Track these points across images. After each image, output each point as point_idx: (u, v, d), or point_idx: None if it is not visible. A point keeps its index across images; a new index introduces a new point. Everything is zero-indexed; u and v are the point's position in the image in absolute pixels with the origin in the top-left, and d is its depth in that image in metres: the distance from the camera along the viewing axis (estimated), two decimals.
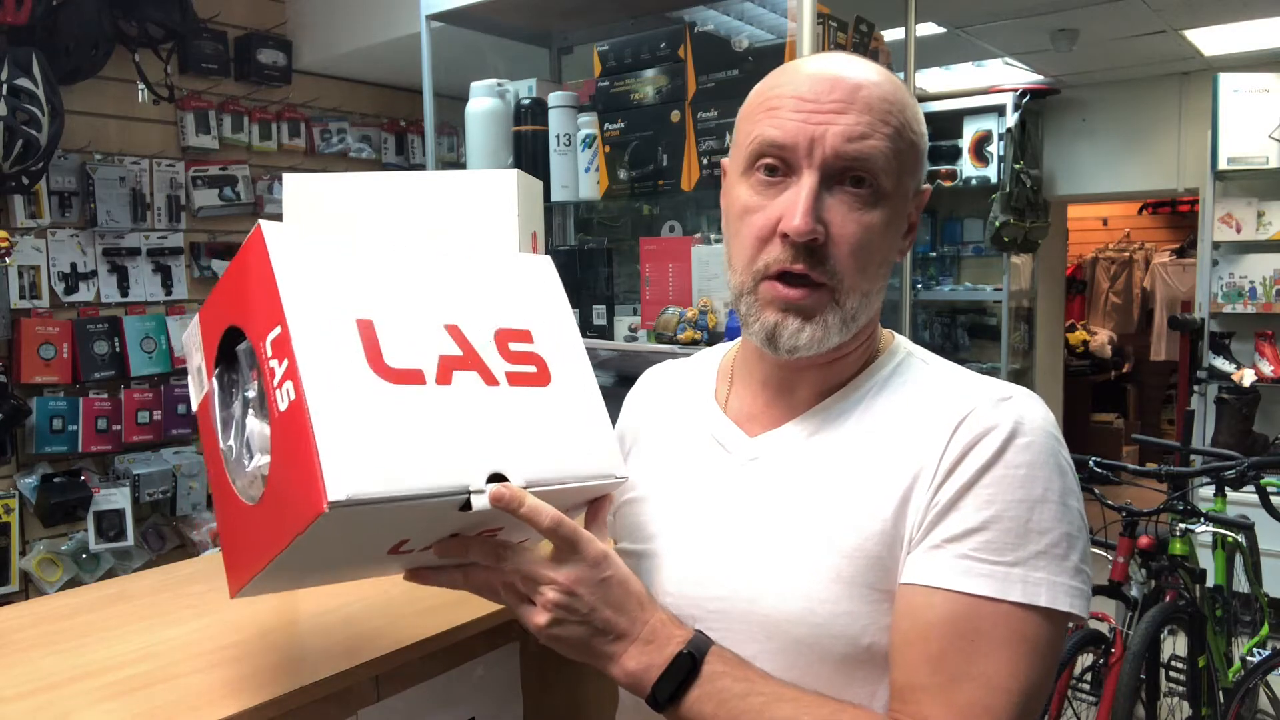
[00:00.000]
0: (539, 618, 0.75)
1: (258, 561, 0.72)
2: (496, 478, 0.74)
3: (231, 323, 0.76)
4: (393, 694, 0.91)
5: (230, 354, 0.78)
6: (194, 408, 0.82)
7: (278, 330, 0.69)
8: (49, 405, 3.26)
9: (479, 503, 0.71)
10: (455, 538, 0.76)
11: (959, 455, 0.76)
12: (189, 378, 0.83)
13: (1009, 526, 0.73)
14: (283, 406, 0.68)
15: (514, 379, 0.80)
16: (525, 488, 0.74)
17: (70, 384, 3.32)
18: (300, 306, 0.70)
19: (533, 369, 0.82)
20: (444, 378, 0.75)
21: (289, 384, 0.68)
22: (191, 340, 0.83)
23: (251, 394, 0.75)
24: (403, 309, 0.76)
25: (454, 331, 0.78)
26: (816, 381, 0.86)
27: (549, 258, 0.93)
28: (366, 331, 0.72)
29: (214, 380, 0.79)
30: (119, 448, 3.43)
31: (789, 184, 0.79)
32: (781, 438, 0.86)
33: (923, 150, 0.83)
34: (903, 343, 0.90)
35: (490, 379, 0.78)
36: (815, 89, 0.79)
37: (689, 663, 0.75)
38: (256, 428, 0.74)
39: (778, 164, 0.80)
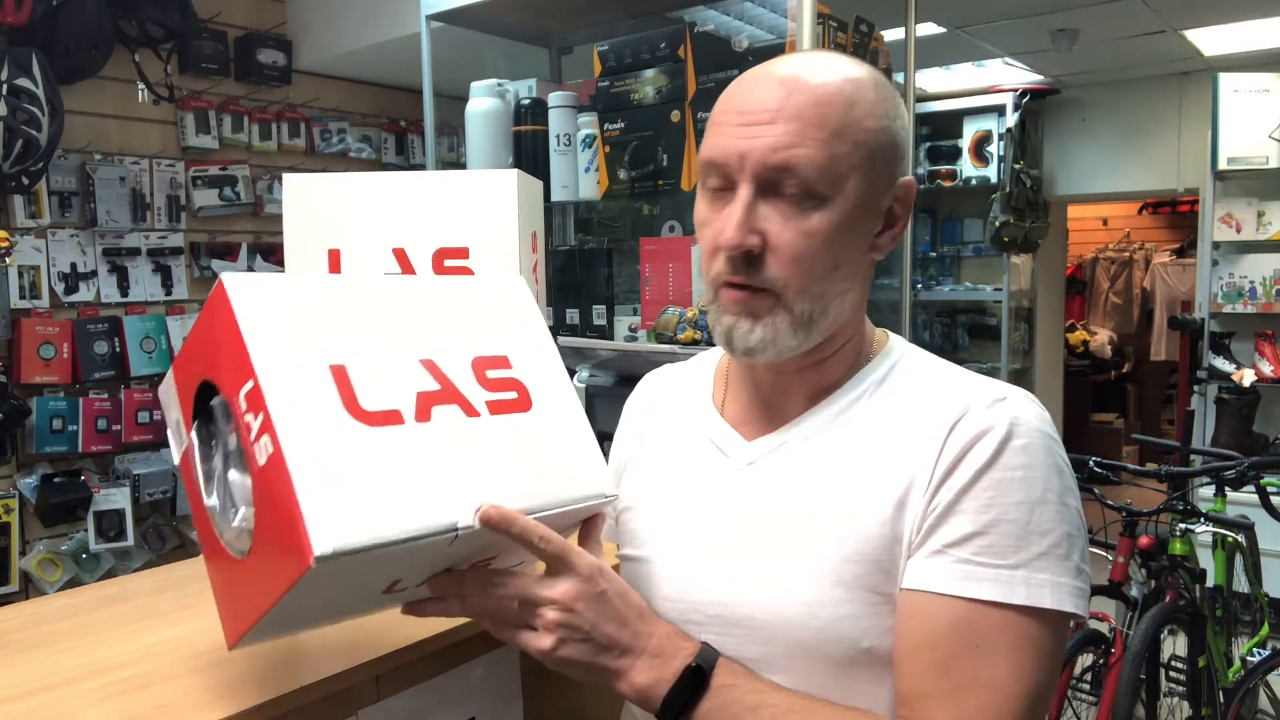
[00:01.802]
0: (544, 641, 0.74)
1: (251, 614, 0.71)
2: None
3: (204, 378, 0.76)
4: (393, 694, 0.91)
5: (206, 408, 0.77)
6: (175, 462, 0.81)
7: (250, 384, 0.69)
8: (49, 405, 3.26)
9: (468, 525, 0.71)
10: (448, 572, 0.76)
11: (955, 458, 0.76)
12: (168, 432, 0.82)
13: (1009, 529, 0.73)
14: (261, 461, 0.68)
15: (495, 407, 0.79)
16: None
17: (70, 384, 3.32)
18: (270, 359, 0.69)
19: (513, 395, 0.81)
20: (423, 414, 0.74)
21: (265, 438, 0.67)
22: (168, 394, 0.82)
23: (231, 446, 0.74)
24: (376, 349, 0.75)
25: (430, 366, 0.78)
26: (807, 384, 0.86)
27: (521, 277, 0.92)
28: (340, 376, 0.72)
29: (193, 435, 0.78)
30: (119, 448, 3.43)
31: (731, 198, 0.80)
32: (778, 441, 0.86)
33: (885, 144, 0.80)
34: (897, 343, 0.90)
35: (470, 410, 0.78)
36: (749, 101, 0.79)
37: (698, 676, 0.74)
38: (239, 480, 0.73)
39: (720, 180, 0.81)
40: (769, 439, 0.86)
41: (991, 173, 4.79)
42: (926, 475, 0.76)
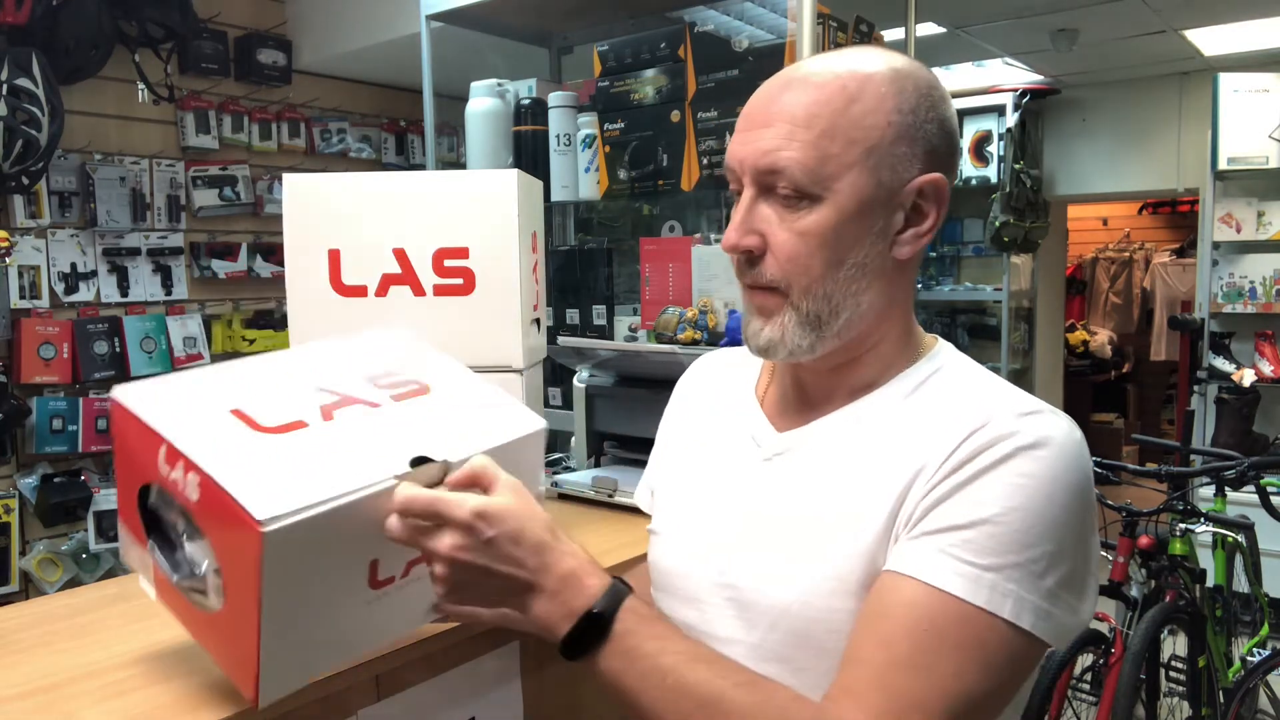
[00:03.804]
0: (437, 590, 0.77)
1: (248, 642, 0.72)
2: (420, 460, 0.76)
3: (137, 486, 0.79)
4: (393, 694, 0.91)
5: (150, 517, 0.80)
6: (154, 597, 0.83)
7: (163, 448, 0.73)
8: (49, 405, 3.26)
9: (406, 470, 0.75)
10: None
11: (966, 456, 0.74)
12: (140, 582, 0.85)
13: (994, 531, 0.71)
14: (195, 497, 0.71)
15: (398, 398, 0.84)
16: (460, 461, 0.78)
17: (70, 384, 3.32)
18: (171, 420, 0.74)
19: (414, 386, 0.87)
20: (328, 416, 0.79)
21: (190, 475, 0.71)
22: (127, 546, 0.85)
23: (181, 528, 0.77)
24: (270, 391, 0.81)
25: (327, 389, 0.82)
26: (841, 382, 0.86)
27: (411, 331, 0.97)
28: (239, 414, 0.76)
29: (150, 549, 0.80)
30: None
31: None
32: (804, 436, 0.86)
33: (895, 139, 0.79)
34: (945, 350, 0.88)
35: (374, 404, 0.82)
36: (752, 105, 0.82)
37: (598, 620, 0.74)
38: (196, 546, 0.76)
39: (735, 184, 0.83)
40: (796, 433, 0.87)
41: (991, 173, 4.79)
42: (932, 470, 0.76)
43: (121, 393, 0.77)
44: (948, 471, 0.75)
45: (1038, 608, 0.71)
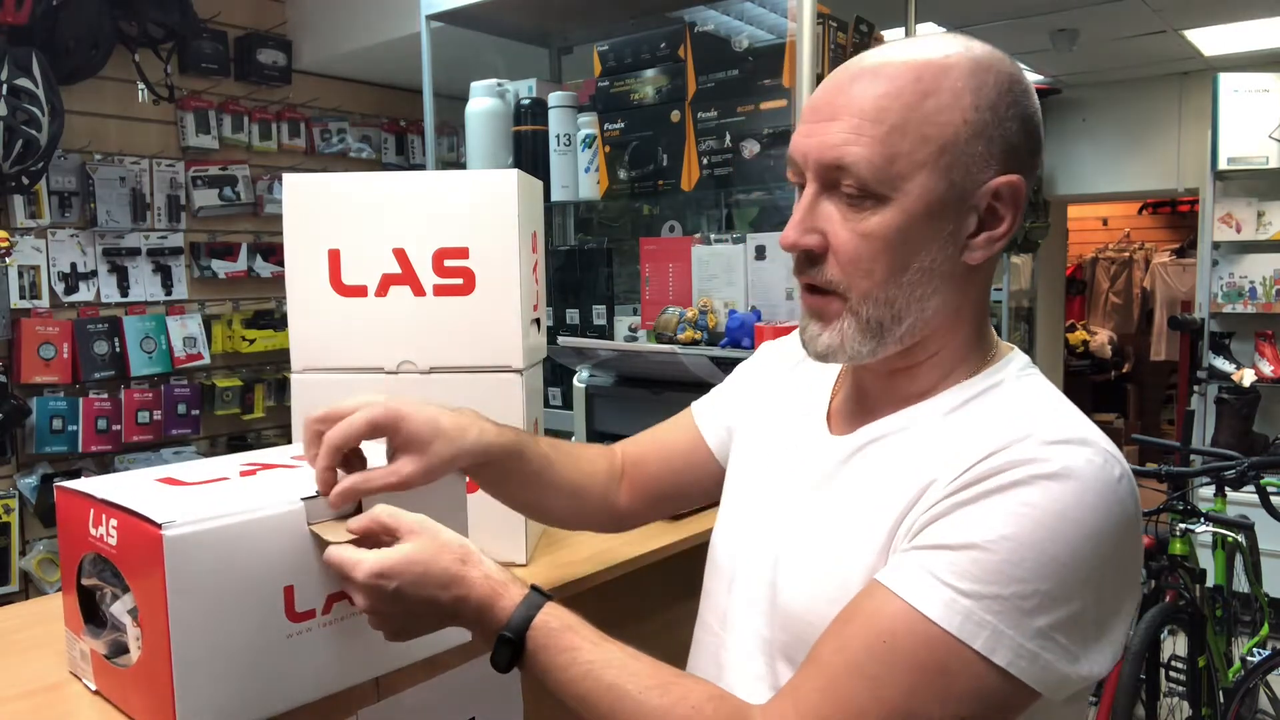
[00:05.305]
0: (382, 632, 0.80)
1: (163, 674, 0.73)
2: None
3: (75, 565, 0.83)
4: (393, 694, 0.91)
5: (86, 604, 0.84)
6: (94, 689, 0.84)
7: (92, 511, 0.78)
8: (49, 405, 3.26)
9: (311, 495, 0.80)
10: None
11: (976, 476, 0.70)
12: (82, 684, 0.85)
13: (981, 558, 0.66)
14: (114, 540, 0.76)
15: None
16: (364, 481, 0.83)
17: (70, 384, 3.32)
18: (100, 487, 0.79)
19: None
20: (246, 475, 0.86)
21: (111, 520, 0.76)
22: (71, 651, 0.87)
23: (110, 597, 0.81)
24: (197, 466, 0.89)
25: (251, 463, 0.90)
26: (894, 388, 0.83)
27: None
28: (167, 480, 0.84)
29: (88, 638, 0.83)
30: (119, 448, 3.43)
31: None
32: (850, 443, 0.83)
33: (970, 137, 0.74)
34: (1014, 364, 0.82)
35: (293, 467, 0.89)
36: (820, 98, 0.77)
37: (510, 642, 0.76)
38: (120, 603, 0.80)
39: (798, 177, 0.79)
40: (847, 439, 0.84)
41: None
42: (943, 484, 0.72)
43: (65, 482, 0.84)
44: (954, 489, 0.71)
45: (1019, 647, 0.65)
